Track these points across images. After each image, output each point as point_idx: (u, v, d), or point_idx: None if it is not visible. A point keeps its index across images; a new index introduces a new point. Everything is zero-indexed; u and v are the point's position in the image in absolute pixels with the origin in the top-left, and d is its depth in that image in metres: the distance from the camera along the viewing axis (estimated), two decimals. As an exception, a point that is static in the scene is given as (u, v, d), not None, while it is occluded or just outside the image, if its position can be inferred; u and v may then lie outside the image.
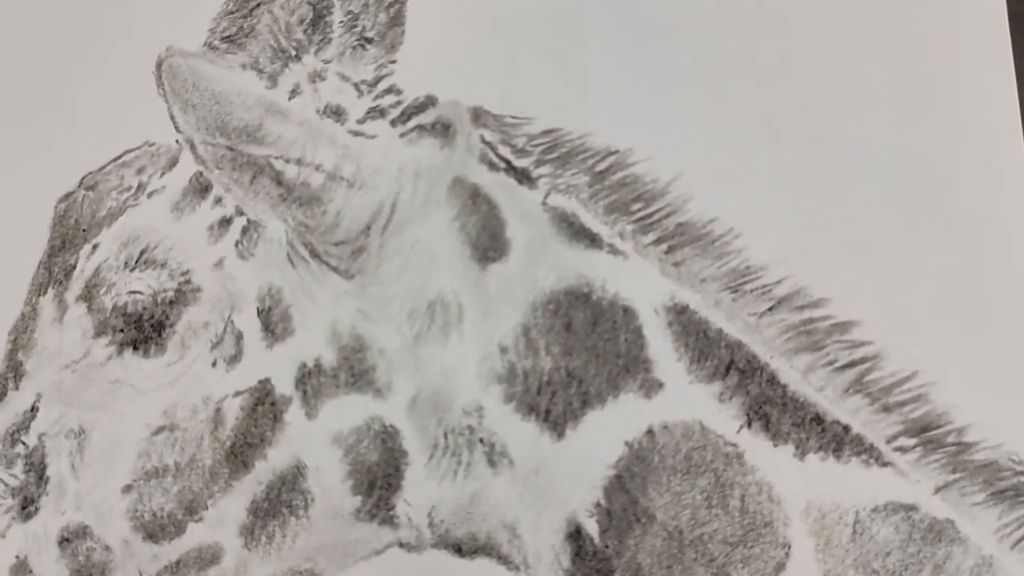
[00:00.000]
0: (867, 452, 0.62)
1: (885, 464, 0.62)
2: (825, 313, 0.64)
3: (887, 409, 0.63)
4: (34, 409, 0.65)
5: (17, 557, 0.63)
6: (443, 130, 0.67)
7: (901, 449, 0.63)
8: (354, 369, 0.64)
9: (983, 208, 0.65)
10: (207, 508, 0.63)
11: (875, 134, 0.67)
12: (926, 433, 0.62)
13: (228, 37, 0.68)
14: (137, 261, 0.65)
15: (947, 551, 0.61)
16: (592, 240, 0.66)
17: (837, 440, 0.63)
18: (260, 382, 0.64)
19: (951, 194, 0.66)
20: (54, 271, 0.68)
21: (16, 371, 0.66)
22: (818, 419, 0.63)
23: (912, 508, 0.62)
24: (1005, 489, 0.62)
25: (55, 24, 0.70)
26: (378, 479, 0.64)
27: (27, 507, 0.64)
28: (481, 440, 0.64)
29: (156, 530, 0.63)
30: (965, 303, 0.64)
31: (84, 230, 0.68)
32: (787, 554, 0.61)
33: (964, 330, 0.64)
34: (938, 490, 0.62)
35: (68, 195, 0.69)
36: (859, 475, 0.62)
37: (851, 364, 0.64)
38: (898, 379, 0.63)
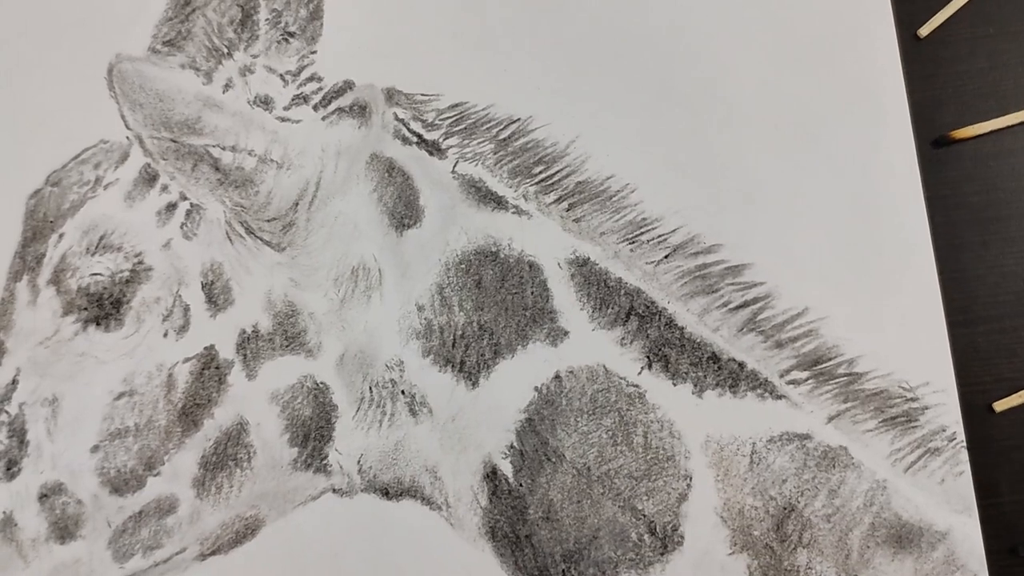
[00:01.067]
0: (762, 386, 0.64)
1: (779, 397, 0.64)
2: (718, 258, 0.66)
3: (780, 345, 0.65)
4: (15, 382, 0.70)
5: (3, 512, 0.68)
6: (360, 111, 0.71)
7: (794, 382, 0.64)
8: (287, 332, 0.69)
9: (864, 154, 0.66)
10: (164, 463, 0.68)
11: (760, 88, 0.68)
12: (817, 366, 0.64)
13: (168, 41, 0.73)
14: (97, 246, 0.71)
15: (841, 476, 0.62)
16: (498, 203, 0.69)
17: (733, 376, 0.64)
18: (206, 348, 0.69)
19: (834, 142, 0.66)
20: (27, 259, 0.73)
21: None
22: (714, 358, 0.65)
23: (806, 437, 0.63)
24: (896, 416, 0.63)
25: (19, 39, 0.75)
26: (312, 431, 0.68)
27: (11, 468, 0.69)
28: (403, 392, 0.68)
29: (121, 484, 0.68)
30: (850, 243, 0.65)
31: (51, 221, 0.73)
32: (689, 485, 0.63)
33: (850, 268, 0.64)
34: (831, 419, 0.63)
35: (36, 192, 0.74)
36: (755, 408, 0.64)
37: (744, 304, 0.65)
38: (789, 316, 0.65)
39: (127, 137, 0.74)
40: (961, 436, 0.63)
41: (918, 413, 0.63)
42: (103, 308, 0.71)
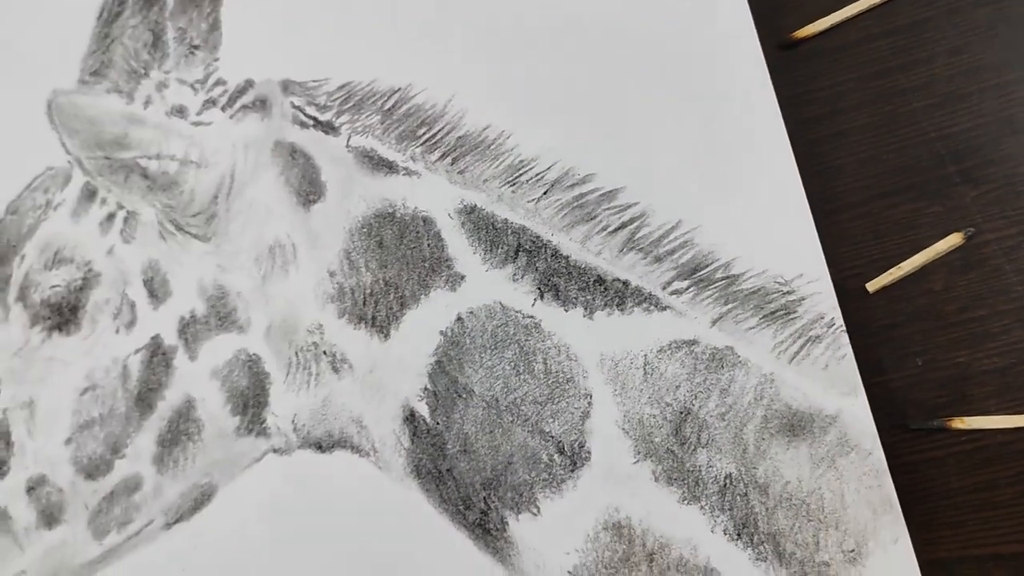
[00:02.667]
0: (647, 300, 0.66)
1: (664, 308, 0.66)
2: (592, 187, 0.68)
3: (659, 259, 0.67)
4: None
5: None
6: (261, 104, 0.77)
7: (676, 292, 0.66)
8: (220, 313, 0.74)
9: (715, 68, 0.67)
10: (127, 446, 0.74)
11: (611, 22, 0.70)
12: (696, 273, 0.66)
13: (94, 71, 0.81)
14: (53, 261, 0.78)
15: (730, 375, 0.64)
16: (390, 167, 0.73)
17: (619, 295, 0.67)
18: (152, 338, 0.75)
19: (685, 62, 0.68)
20: None
21: None
22: (600, 280, 0.67)
23: (693, 343, 0.65)
24: (775, 310, 0.64)
25: None
26: (250, 399, 0.73)
27: (1, 468, 0.76)
28: (324, 352, 0.72)
29: (92, 470, 0.74)
30: (711, 153, 0.67)
31: (14, 246, 0.80)
32: (590, 403, 0.66)
33: (715, 177, 0.66)
34: (714, 322, 0.65)
35: None
36: (642, 322, 0.66)
37: (621, 226, 0.68)
38: (664, 231, 0.67)
39: (68, 161, 0.80)
40: (840, 321, 0.63)
41: (796, 305, 0.64)
42: (63, 315, 0.77)
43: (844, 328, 0.63)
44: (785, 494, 0.62)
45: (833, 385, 0.63)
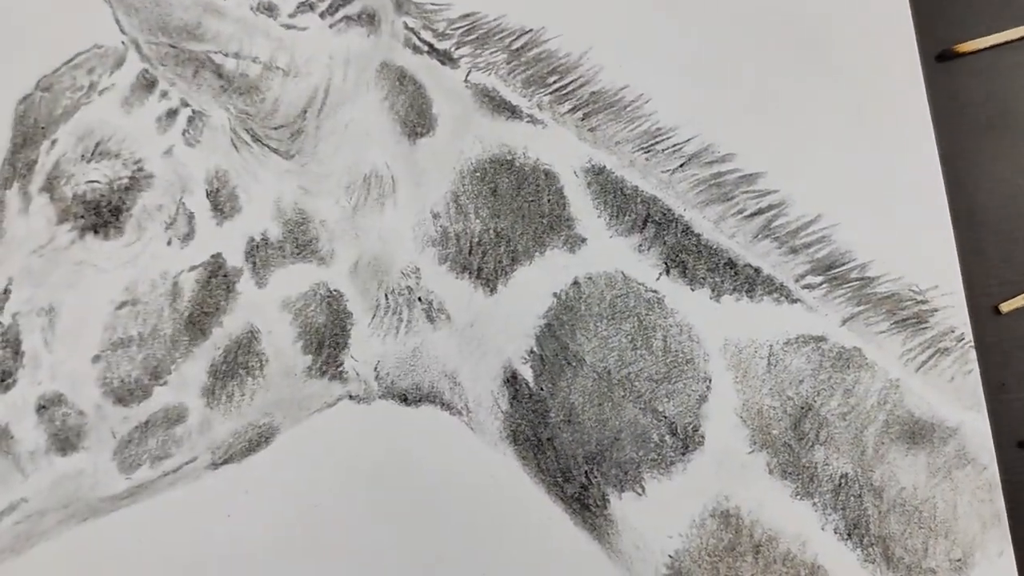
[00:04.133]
0: (778, 291, 0.65)
1: (795, 301, 0.65)
2: (732, 167, 0.67)
3: (794, 251, 0.66)
4: (6, 292, 0.68)
5: None
6: (368, 19, 0.70)
7: (809, 286, 0.65)
8: (298, 240, 0.68)
9: (871, 67, 0.67)
10: (170, 373, 0.66)
11: (776, 5, 0.69)
12: (831, 271, 0.65)
13: None
14: (93, 153, 0.69)
15: (856, 376, 0.64)
16: (512, 112, 0.69)
17: (749, 281, 0.65)
18: (212, 256, 0.68)
19: (842, 56, 0.67)
20: (17, 166, 0.70)
21: None
22: (731, 263, 0.66)
23: (821, 339, 0.64)
24: (907, 318, 0.65)
25: None
26: (326, 339, 0.67)
27: (5, 380, 0.67)
28: (419, 299, 0.67)
29: (125, 394, 0.66)
30: (859, 152, 0.66)
31: (43, 128, 0.71)
32: (708, 387, 0.64)
33: (861, 176, 0.66)
34: (845, 322, 0.65)
35: (26, 97, 0.72)
36: (771, 312, 0.65)
37: (759, 212, 0.66)
38: (803, 223, 0.66)
39: (122, 42, 0.71)
40: (969, 336, 0.64)
41: (928, 315, 0.64)
42: (101, 216, 0.68)
43: (973, 344, 0.66)
44: (899, 499, 0.64)
45: (957, 398, 0.65)
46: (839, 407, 0.63)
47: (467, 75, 0.69)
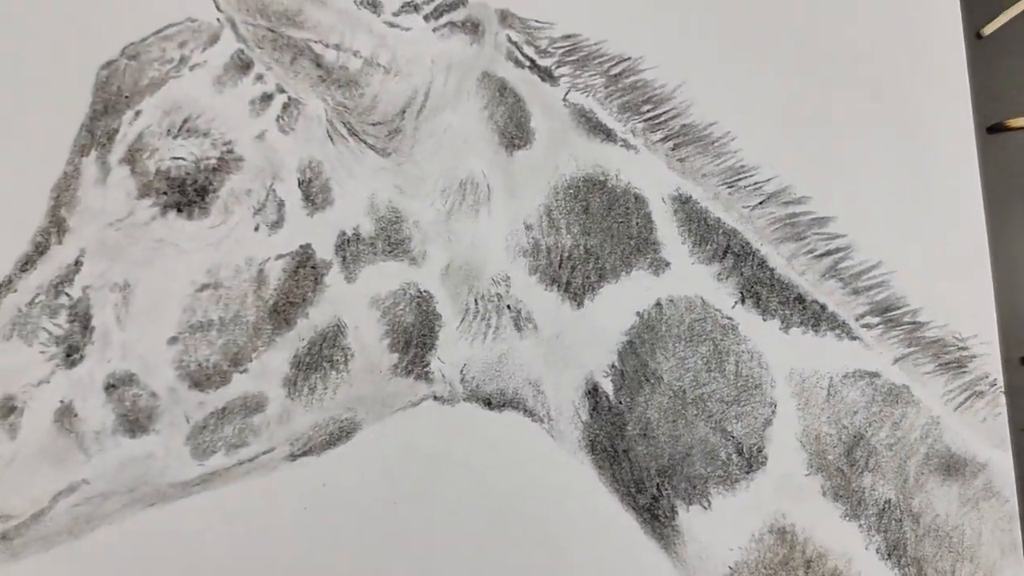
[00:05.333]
0: (840, 327, 0.71)
1: (854, 338, 0.70)
2: (807, 209, 0.72)
3: (856, 292, 0.71)
4: (78, 264, 0.67)
5: (62, 401, 0.65)
6: (473, 28, 0.72)
7: (867, 326, 0.71)
8: (391, 238, 0.69)
9: (932, 134, 0.74)
10: (251, 360, 0.66)
11: (844, 59, 0.75)
12: (887, 313, 0.71)
13: None
14: (180, 129, 0.68)
15: (903, 411, 0.70)
16: (607, 135, 0.72)
17: (815, 317, 0.71)
18: (301, 247, 0.68)
19: (909, 120, 0.74)
20: (96, 133, 0.69)
21: (59, 226, 0.68)
22: (800, 299, 0.71)
23: (875, 375, 0.70)
24: (950, 362, 0.71)
25: None
26: (414, 338, 0.69)
27: (71, 355, 0.66)
28: (508, 307, 0.70)
29: (202, 379, 0.66)
30: (917, 208, 0.73)
31: (127, 97, 0.69)
32: (773, 412, 0.69)
33: (917, 230, 0.73)
34: (896, 361, 0.70)
35: (110, 63, 0.71)
36: (833, 347, 0.70)
37: (827, 253, 0.72)
38: (865, 267, 0.72)
39: (218, 19, 0.70)
40: (1001, 383, 0.71)
41: (967, 360, 0.71)
42: (186, 194, 0.67)
43: (1003, 390, 0.75)
44: (933, 525, 0.72)
45: (987, 437, 0.73)
46: (887, 438, 0.70)
47: (566, 94, 0.72)
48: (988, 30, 0.73)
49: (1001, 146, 0.73)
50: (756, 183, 0.71)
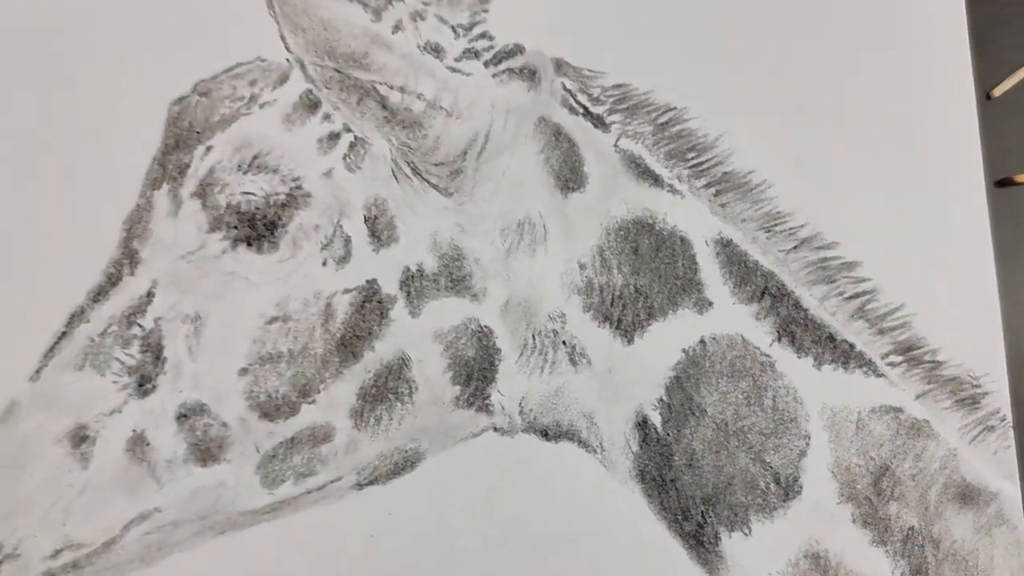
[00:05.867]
0: (867, 365, 0.75)
1: (880, 375, 0.75)
2: (836, 254, 0.77)
3: (881, 332, 0.76)
4: (150, 294, 0.69)
5: (134, 431, 0.67)
6: (530, 75, 0.76)
7: (891, 364, 0.75)
8: (453, 275, 0.72)
9: (945, 189, 0.80)
10: (319, 392, 0.69)
11: (869, 117, 0.80)
12: (909, 352, 0.76)
13: None
14: (250, 165, 0.70)
15: (924, 444, 0.75)
16: (655, 180, 0.76)
17: (845, 355, 0.75)
18: (367, 282, 0.71)
19: (924, 176, 0.80)
20: (168, 168, 0.71)
21: (131, 258, 0.70)
22: (831, 338, 0.75)
23: (899, 410, 0.75)
24: (965, 398, 0.76)
25: None
26: (475, 372, 0.72)
27: (144, 385, 0.67)
28: (564, 342, 0.73)
29: (272, 409, 0.68)
30: (934, 255, 0.79)
31: (198, 132, 0.72)
32: (808, 443, 0.73)
33: (935, 274, 0.78)
34: (918, 397, 0.75)
35: (181, 99, 0.73)
36: (861, 383, 0.75)
37: (856, 295, 0.76)
38: (890, 309, 0.76)
39: (287, 59, 0.73)
40: (1010, 418, 0.76)
41: (980, 397, 0.76)
42: (255, 229, 0.69)
43: (1012, 424, 0.82)
44: (951, 550, 0.77)
45: (998, 469, 0.79)
46: (910, 469, 0.75)
47: (617, 140, 0.76)
48: (997, 92, 0.80)
49: (1009, 199, 0.79)
50: (790, 228, 0.76)
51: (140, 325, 0.68)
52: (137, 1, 0.73)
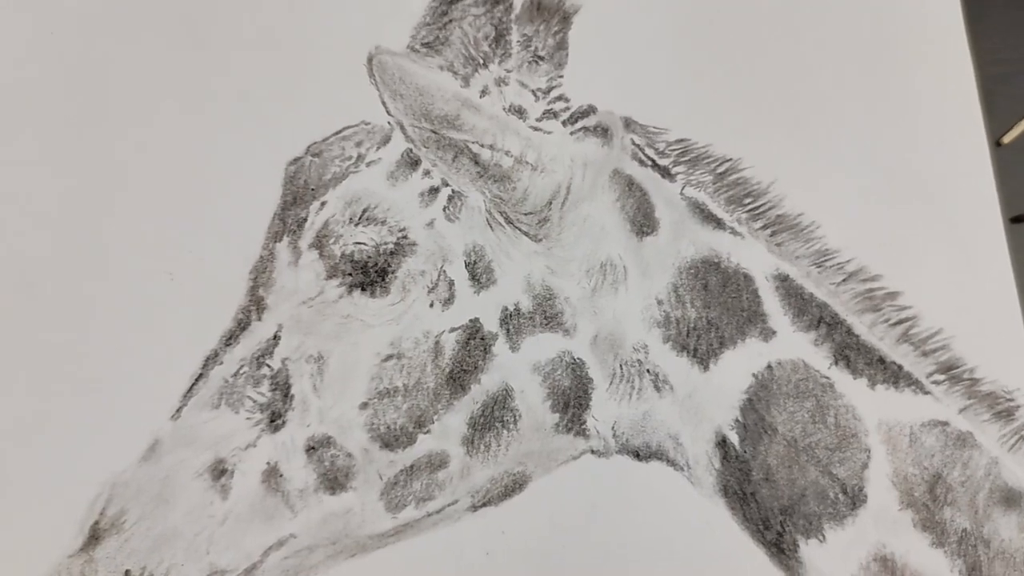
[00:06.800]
0: (915, 384, 0.82)
1: (926, 393, 0.82)
2: (880, 285, 0.85)
3: (925, 354, 0.83)
4: (276, 337, 0.75)
5: (268, 463, 0.72)
6: (603, 132, 0.84)
7: (936, 382, 0.83)
8: (546, 312, 0.79)
9: (966, 222, 0.89)
10: (433, 422, 0.75)
11: (901, 166, 0.90)
12: (951, 371, 0.83)
13: (427, 43, 0.83)
14: (360, 217, 0.77)
15: (969, 454, 0.82)
16: (718, 223, 0.84)
17: (895, 375, 0.82)
18: (471, 320, 0.77)
19: (954, 211, 0.89)
20: (287, 222, 0.78)
21: (258, 304, 0.76)
22: (881, 360, 0.82)
23: (946, 424, 0.82)
24: (1001, 411, 0.84)
25: (285, 17, 0.85)
26: (571, 400, 0.78)
27: (275, 420, 0.73)
28: (648, 371, 0.80)
29: (391, 440, 0.74)
30: (965, 283, 0.88)
31: (312, 189, 0.79)
32: (868, 456, 0.80)
33: (968, 303, 0.87)
34: (960, 411, 0.83)
35: (296, 160, 0.80)
36: (911, 400, 0.82)
37: (900, 322, 0.84)
38: (930, 333, 0.84)
39: (388, 122, 0.80)
40: None
41: (1015, 409, 0.84)
42: (368, 275, 0.76)
43: (1045, 433, 0.90)
44: (1001, 548, 0.85)
45: (1035, 473, 0.89)
46: (959, 476, 0.84)
47: (682, 189, 0.85)
48: (1007, 139, 0.91)
49: (1024, 233, 0.89)
50: (839, 263, 0.84)
51: (269, 365, 0.73)
52: (253, 74, 0.80)
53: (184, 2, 0.83)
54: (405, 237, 0.76)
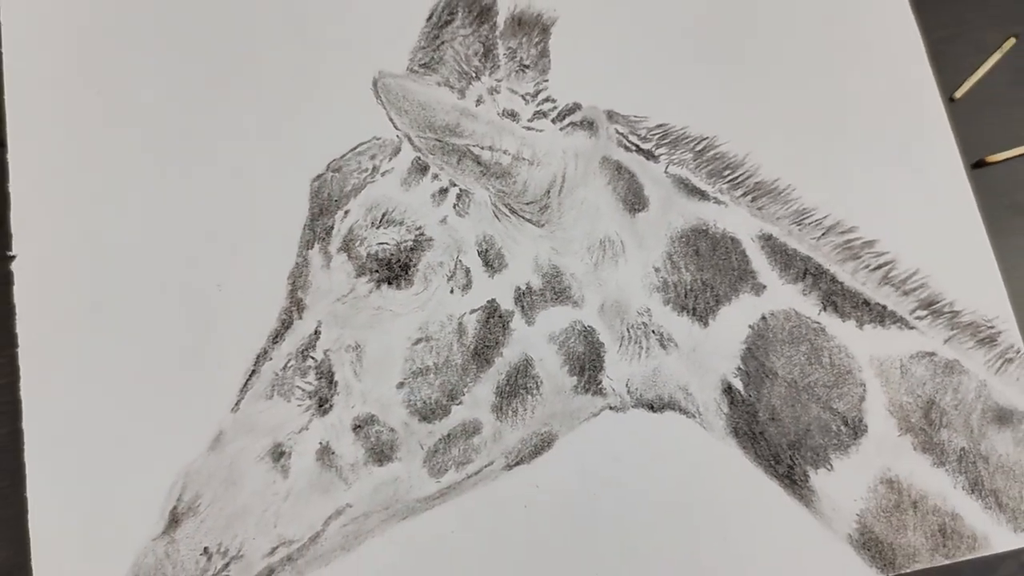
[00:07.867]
0: (900, 321, 0.89)
1: (911, 328, 0.89)
2: (857, 235, 0.92)
3: (906, 293, 0.90)
4: (317, 332, 0.83)
5: (320, 443, 0.80)
6: (589, 125, 0.92)
7: (919, 317, 0.90)
8: (555, 288, 0.86)
9: (939, 173, 0.95)
10: (464, 394, 0.82)
11: (867, 126, 0.97)
12: (932, 307, 0.90)
13: (424, 64, 0.92)
14: (381, 221, 0.86)
15: (959, 379, 0.88)
16: (702, 195, 0.91)
17: (880, 315, 0.89)
18: (488, 301, 0.85)
19: (919, 162, 0.97)
20: (317, 231, 0.86)
21: (298, 305, 0.84)
22: (866, 302, 0.89)
23: (933, 354, 0.88)
24: (983, 338, 0.91)
25: (296, 51, 0.95)
26: (586, 363, 0.85)
27: (323, 405, 0.81)
28: (653, 331, 0.87)
29: (428, 413, 0.81)
30: (939, 226, 0.94)
31: (336, 201, 0.87)
32: (864, 390, 0.87)
33: (941, 244, 0.94)
34: (945, 341, 0.89)
35: (319, 176, 0.89)
36: (897, 336, 0.89)
37: (879, 267, 0.91)
38: (908, 274, 0.91)
39: (397, 136, 0.89)
40: None
41: (996, 335, 0.90)
42: (393, 271, 0.84)
43: (1027, 355, 0.97)
44: (1000, 463, 0.91)
45: (1023, 392, 0.97)
46: (952, 400, 0.90)
47: (666, 168, 0.93)
48: (958, 94, 1.00)
49: (986, 177, 0.98)
50: (816, 220, 0.92)
51: (313, 357, 0.81)
52: (273, 100, 0.91)
53: (226, 56, 0.94)
54: (422, 234, 0.84)
